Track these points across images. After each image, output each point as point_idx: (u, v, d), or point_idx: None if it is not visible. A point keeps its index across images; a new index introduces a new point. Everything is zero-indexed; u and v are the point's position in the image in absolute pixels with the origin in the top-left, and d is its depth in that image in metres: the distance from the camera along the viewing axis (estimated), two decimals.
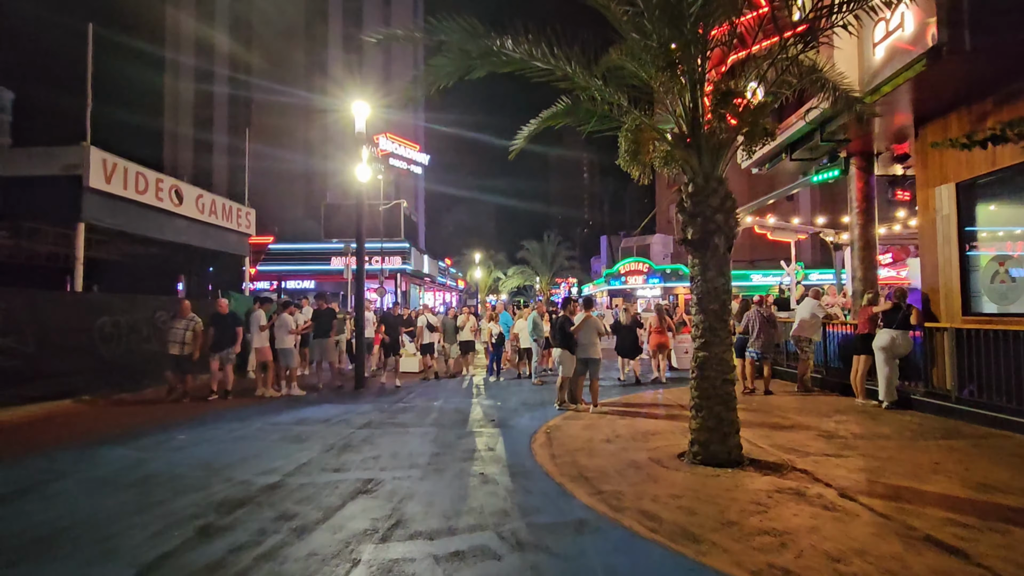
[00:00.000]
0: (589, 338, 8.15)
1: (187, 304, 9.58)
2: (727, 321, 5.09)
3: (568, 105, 6.25)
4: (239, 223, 13.29)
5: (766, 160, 10.30)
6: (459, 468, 5.24)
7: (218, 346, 9.55)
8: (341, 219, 31.93)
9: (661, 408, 8.29)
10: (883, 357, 7.75)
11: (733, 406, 5.05)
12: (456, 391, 10.53)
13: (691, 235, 5.15)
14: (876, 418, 7.14)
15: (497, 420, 7.67)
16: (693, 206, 5.14)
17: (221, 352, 9.57)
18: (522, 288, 48.33)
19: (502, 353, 12.77)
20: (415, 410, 8.56)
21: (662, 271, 31.71)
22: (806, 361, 9.58)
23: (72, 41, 12.80)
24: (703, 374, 5.07)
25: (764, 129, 5.28)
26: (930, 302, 7.71)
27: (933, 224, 7.59)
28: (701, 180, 5.13)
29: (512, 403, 9.10)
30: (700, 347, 5.11)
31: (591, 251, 66.20)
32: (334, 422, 7.66)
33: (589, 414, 7.85)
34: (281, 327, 10.25)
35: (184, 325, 9.46)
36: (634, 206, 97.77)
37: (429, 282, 37.46)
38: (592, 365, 8.14)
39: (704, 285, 5.09)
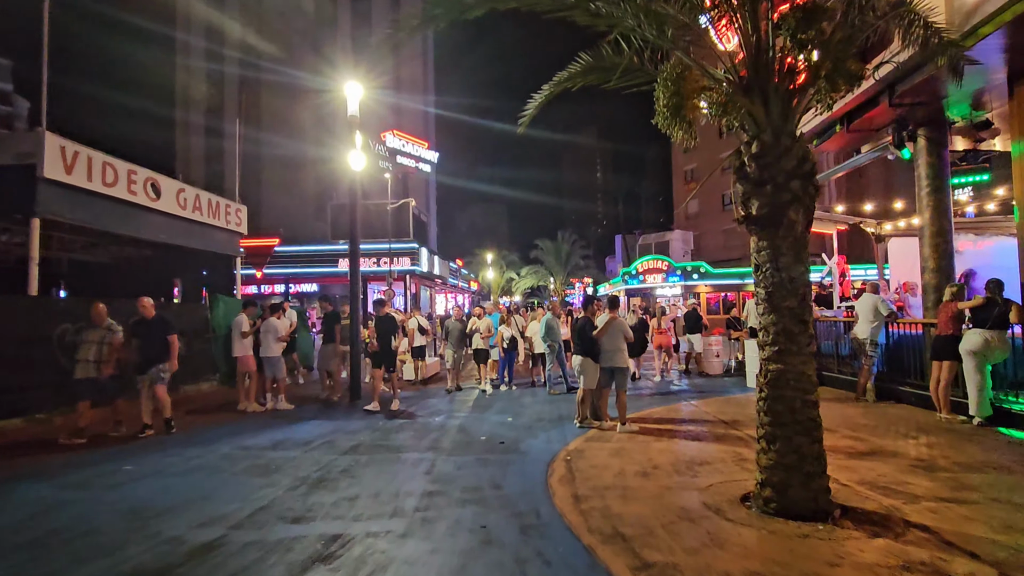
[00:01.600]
0: (615, 343, 6.91)
1: (101, 308, 6.99)
2: (807, 323, 3.82)
3: (587, 63, 5.08)
4: (228, 220, 12.26)
5: (815, 135, 8.95)
6: (454, 518, 4.03)
7: (145, 363, 7.06)
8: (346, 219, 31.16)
9: (701, 425, 7.01)
10: (974, 363, 6.39)
11: (819, 436, 3.77)
12: (462, 404, 9.34)
13: (756, 210, 3.89)
14: (973, 440, 5.78)
15: (507, 442, 6.45)
16: (759, 171, 3.89)
17: (149, 371, 7.05)
18: (536, 289, 47.07)
19: (515, 359, 11.55)
20: (413, 429, 7.39)
21: (682, 269, 30.20)
22: (869, 367, 8.23)
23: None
24: (776, 393, 3.81)
25: (849, 71, 4.00)
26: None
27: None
28: (769, 136, 3.87)
29: (525, 419, 7.88)
30: (772, 357, 3.84)
31: (606, 251, 64.59)
32: (316, 445, 6.51)
33: (616, 434, 6.61)
34: (267, 333, 9.15)
35: (99, 337, 6.93)
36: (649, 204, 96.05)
37: (440, 284, 36.39)
38: (619, 375, 6.89)
39: (775, 276, 3.83)
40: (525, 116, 6.13)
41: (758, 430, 3.97)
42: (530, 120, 6.17)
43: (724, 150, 41.32)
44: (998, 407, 6.37)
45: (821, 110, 4.28)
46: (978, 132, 7.74)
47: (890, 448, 5.51)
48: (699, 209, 43.82)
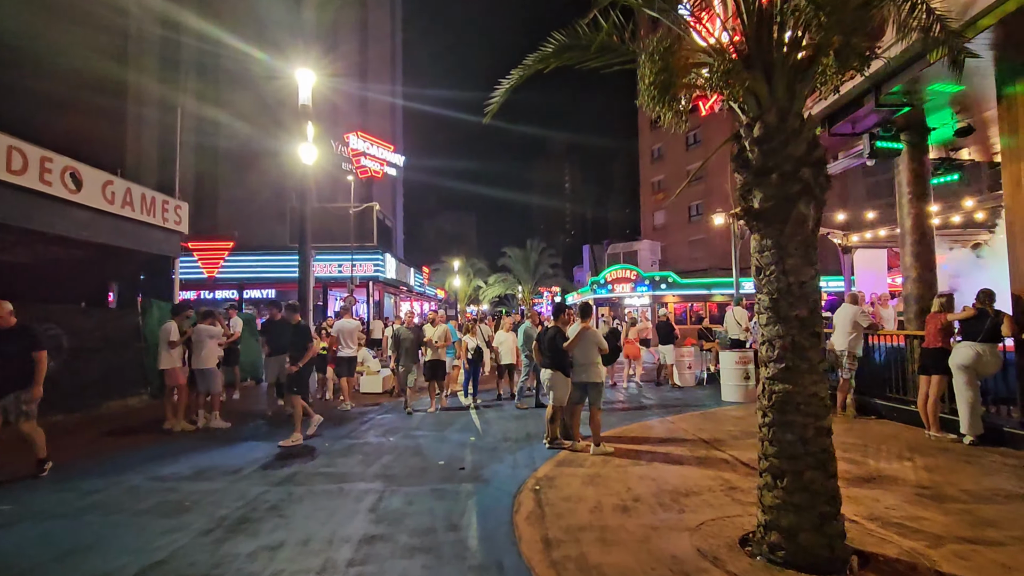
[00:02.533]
0: (588, 355, 6.28)
1: None
2: (819, 335, 3.26)
3: (561, 43, 4.49)
4: (166, 218, 11.16)
5: None
6: (398, 573, 3.28)
7: (1, 386, 5.29)
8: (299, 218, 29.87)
9: (680, 445, 6.43)
10: (965, 378, 6.02)
11: (833, 470, 3.20)
12: (422, 421, 8.54)
13: (759, 203, 3.32)
14: (972, 462, 5.37)
15: (469, 468, 5.72)
16: (762, 158, 3.32)
17: (5, 397, 5.27)
18: (504, 297, 46.43)
19: (479, 371, 10.82)
20: (362, 451, 6.56)
21: (650, 279, 30.09)
22: (848, 380, 7.86)
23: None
24: (783, 419, 3.22)
25: (861, 49, 3.49)
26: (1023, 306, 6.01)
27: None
28: (774, 117, 3.31)
29: (490, 438, 7.16)
30: (778, 376, 3.25)
31: (574, 260, 64.63)
32: (246, 473, 5.63)
33: (589, 456, 5.96)
34: (202, 343, 8.18)
35: None
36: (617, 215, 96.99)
37: (406, 291, 35.36)
38: (592, 391, 6.26)
39: (781, 280, 3.26)
40: (492, 103, 5.50)
41: (760, 462, 3.37)
42: (497, 108, 5.54)
43: (692, 161, 41.80)
44: (988, 424, 6.02)
45: (826, 93, 3.77)
46: (958, 139, 7.50)
47: (888, 472, 5.03)
48: (666, 220, 44.12)
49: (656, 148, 45.73)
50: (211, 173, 31.44)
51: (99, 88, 13.89)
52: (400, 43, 45.49)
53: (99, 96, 14.01)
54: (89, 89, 13.55)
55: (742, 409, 8.89)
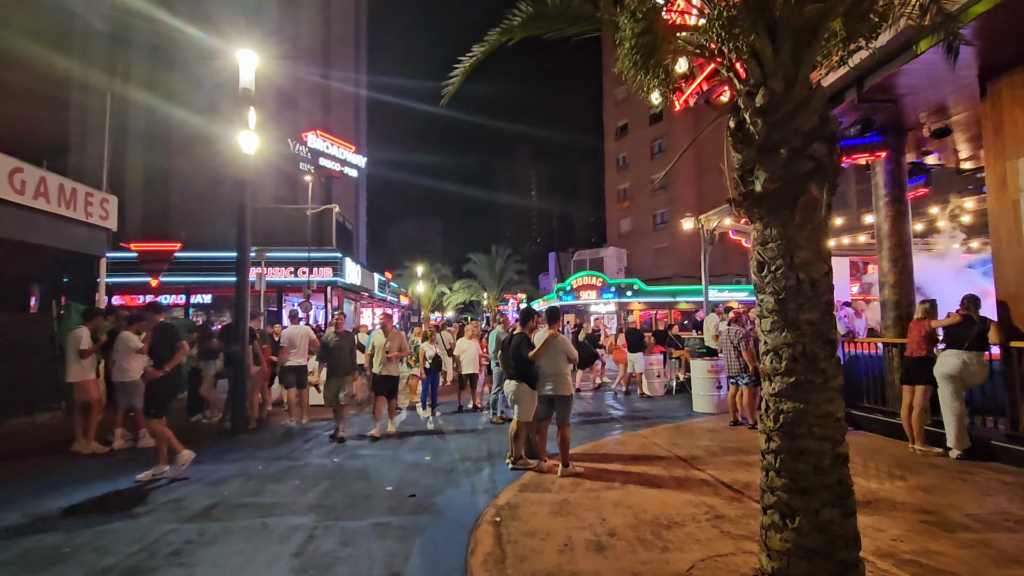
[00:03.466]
0: (556, 366, 5.67)
1: None
2: (834, 343, 2.73)
3: (527, 12, 3.93)
4: (89, 212, 10.01)
5: None
6: None
7: None
8: (263, 224, 28.42)
9: (655, 464, 5.87)
10: (951, 389, 5.69)
11: (852, 506, 2.66)
12: (371, 437, 7.75)
13: (763, 185, 2.78)
14: (966, 479, 5.00)
15: (420, 494, 5.00)
16: (767, 131, 2.79)
17: None
18: (468, 304, 45.64)
19: (439, 381, 10.09)
20: (300, 474, 5.75)
21: (616, 286, 29.91)
22: None
23: None
24: (794, 445, 2.67)
25: (873, 15, 3.02)
26: (1010, 313, 5.73)
27: (1014, 208, 5.66)
28: (780, 84, 2.78)
29: (447, 457, 6.45)
30: (786, 393, 2.70)
31: (540, 268, 64.35)
32: (156, 505, 4.77)
33: (557, 478, 5.33)
34: (124, 352, 7.19)
35: None
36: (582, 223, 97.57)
37: (367, 297, 34.16)
38: (560, 405, 5.64)
39: (789, 277, 2.72)
40: (451, 83, 4.87)
41: (765, 496, 2.80)
42: (455, 89, 4.92)
43: (656, 169, 42.14)
44: (974, 437, 5.70)
45: (833, 64, 3.29)
46: (935, 140, 7.30)
47: (883, 494, 4.58)
48: (631, 228, 44.34)
49: (622, 156, 46.01)
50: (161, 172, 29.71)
51: (31, 73, 12.53)
52: (365, 24, 44.10)
53: (28, 80, 12.64)
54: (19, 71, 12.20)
55: (715, 421, 8.45)
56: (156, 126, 27.17)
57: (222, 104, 26.33)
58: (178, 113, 25.55)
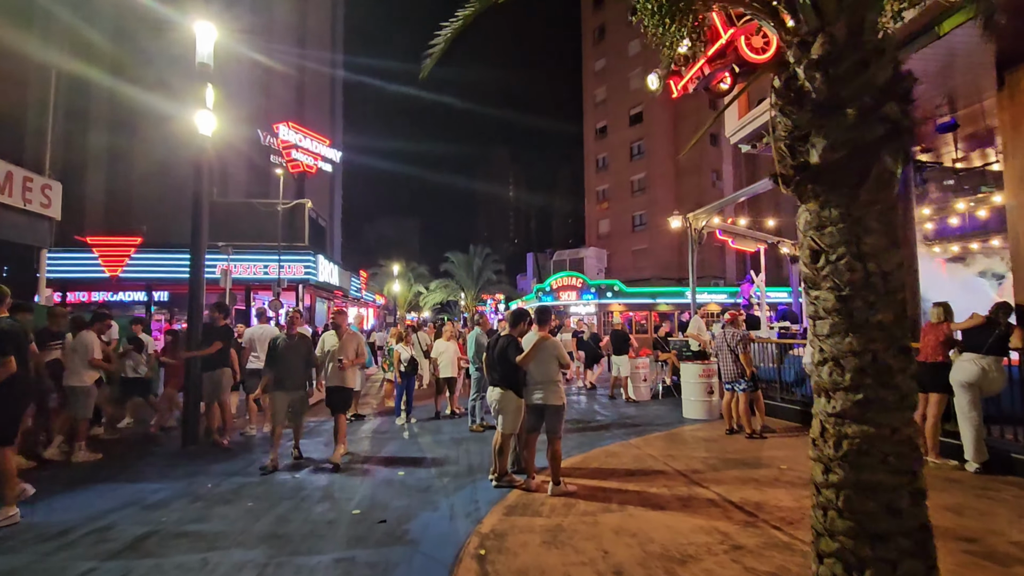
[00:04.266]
0: (546, 372, 5.08)
1: None
2: (910, 354, 2.21)
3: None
4: (28, 199, 9.05)
5: (764, 130, 7.84)
6: None
7: None
8: (231, 219, 27.25)
9: (653, 480, 5.34)
10: (969, 397, 5.30)
11: (934, 555, 2.14)
12: (355, 440, 7.04)
13: (821, 153, 2.24)
14: (994, 497, 4.58)
15: (392, 519, 4.36)
16: (828, 87, 2.25)
17: None
18: (445, 304, 44.84)
19: (415, 385, 9.42)
20: (254, 494, 5.04)
21: (596, 287, 29.52)
22: None
23: None
24: (861, 479, 2.13)
25: None
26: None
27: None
28: (843, 31, 2.25)
29: (422, 473, 5.81)
30: (850, 413, 2.17)
31: (518, 269, 63.82)
32: (79, 535, 4.03)
33: (548, 498, 4.75)
34: (76, 354, 6.43)
35: None
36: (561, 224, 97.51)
37: (341, 296, 33.13)
38: (551, 416, 5.06)
39: (855, 268, 2.19)
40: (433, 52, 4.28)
41: (821, 540, 2.26)
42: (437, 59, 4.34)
43: (636, 171, 42.07)
44: (991, 448, 5.32)
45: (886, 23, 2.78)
46: (947, 132, 6.96)
47: None
48: (610, 229, 44.16)
49: (601, 157, 45.81)
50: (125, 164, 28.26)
51: None
52: (342, 14, 42.74)
53: None
54: None
55: (708, 428, 7.99)
56: (119, 111, 25.73)
57: (190, 90, 25.07)
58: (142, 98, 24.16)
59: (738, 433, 7.41)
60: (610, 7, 44.09)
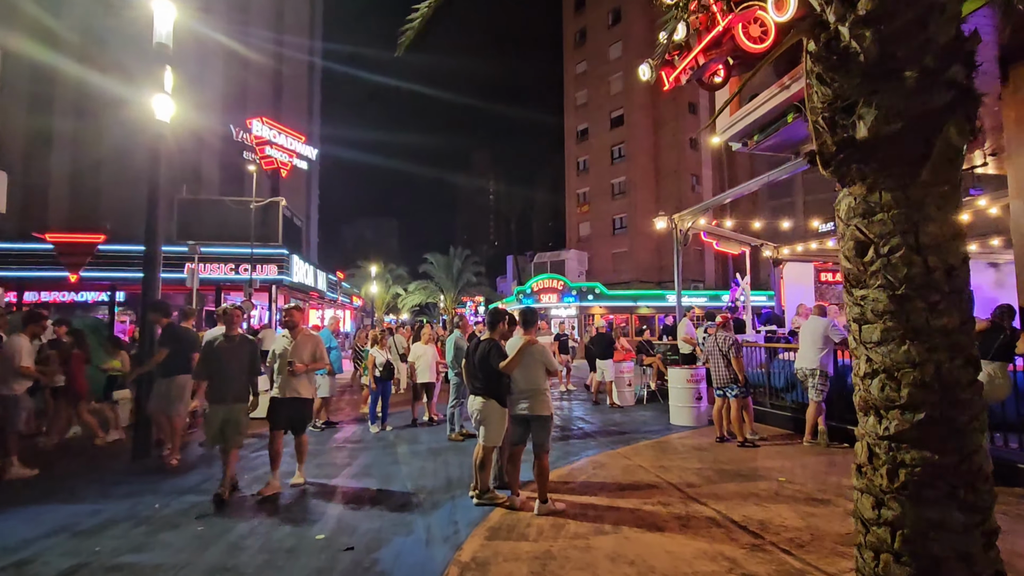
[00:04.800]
0: (533, 379, 4.67)
1: None
2: (978, 367, 1.85)
3: None
4: None
5: (756, 127, 7.57)
6: None
7: None
8: (200, 217, 26.28)
9: (647, 496, 4.97)
10: None
11: None
12: (308, 456, 6.53)
13: (871, 127, 1.88)
14: (1007, 511, 4.32)
15: (359, 544, 3.89)
16: (880, 46, 1.89)
17: None
18: (424, 306, 44.16)
19: (390, 391, 8.91)
20: (207, 516, 4.52)
21: (577, 289, 29.27)
22: (818, 403, 6.85)
23: None
24: (919, 515, 1.76)
25: None
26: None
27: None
28: None
29: (397, 487, 5.34)
30: (908, 436, 1.81)
31: (497, 271, 63.36)
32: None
33: (534, 518, 4.33)
34: (5, 360, 5.82)
35: None
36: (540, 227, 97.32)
37: (317, 298, 32.26)
38: (537, 427, 4.64)
39: (912, 262, 1.83)
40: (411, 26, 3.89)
41: None
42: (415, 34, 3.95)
43: (616, 174, 42.05)
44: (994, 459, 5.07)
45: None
46: None
47: None
48: (590, 232, 44.05)
49: (582, 160, 45.71)
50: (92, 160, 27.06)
51: None
52: (321, 9, 41.78)
53: None
54: None
55: (698, 436, 7.68)
56: (85, 101, 24.60)
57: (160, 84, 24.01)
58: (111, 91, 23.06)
59: (729, 441, 7.11)
60: (591, 11, 44.10)
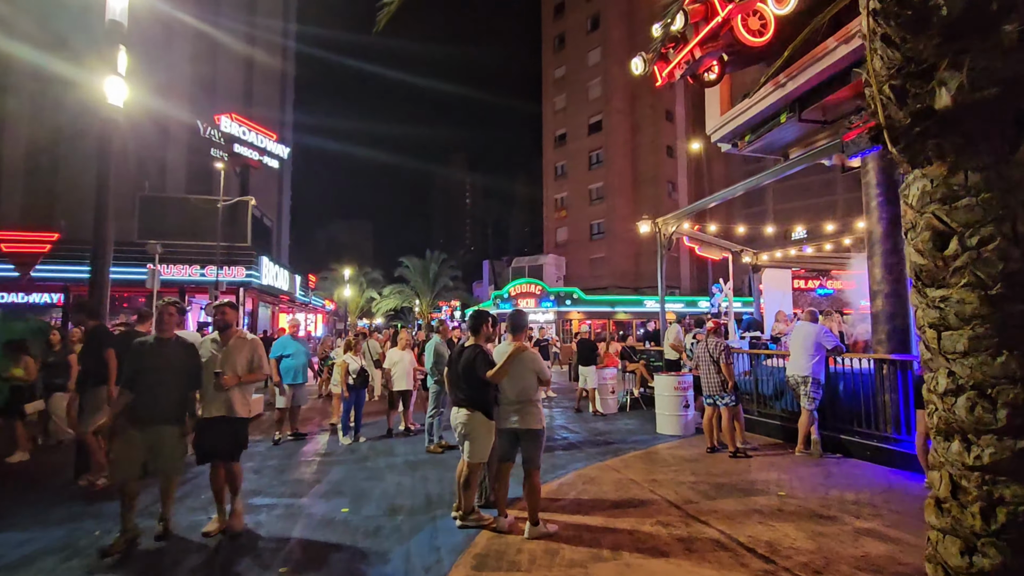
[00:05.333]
0: (523, 390, 4.29)
1: None
2: None
3: None
4: None
5: (748, 128, 7.38)
6: None
7: None
8: (165, 216, 25.18)
9: (643, 514, 4.63)
10: None
11: None
12: (272, 479, 6.01)
13: (954, 94, 1.56)
14: None
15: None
16: (966, 1, 1.57)
17: None
18: (399, 310, 43.35)
19: (364, 399, 8.40)
20: (153, 545, 3.99)
21: (555, 294, 29.05)
22: (811, 412, 6.64)
23: None
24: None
25: None
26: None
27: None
28: None
29: (371, 507, 4.89)
30: (1003, 467, 1.47)
31: (474, 276, 62.87)
32: None
33: (526, 543, 3.94)
34: None
35: None
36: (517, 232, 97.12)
37: (288, 301, 31.27)
38: (528, 442, 4.25)
39: (1005, 255, 1.51)
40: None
41: None
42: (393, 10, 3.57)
43: (594, 180, 42.10)
44: None
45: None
46: None
47: None
48: (568, 237, 44.00)
49: (560, 165, 45.69)
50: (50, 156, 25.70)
51: None
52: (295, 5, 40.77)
53: None
54: None
55: (686, 445, 7.41)
56: (41, 111, 23.37)
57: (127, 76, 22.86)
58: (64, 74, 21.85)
59: (720, 451, 6.84)
60: (571, 16, 44.22)
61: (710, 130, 7.80)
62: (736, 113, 7.14)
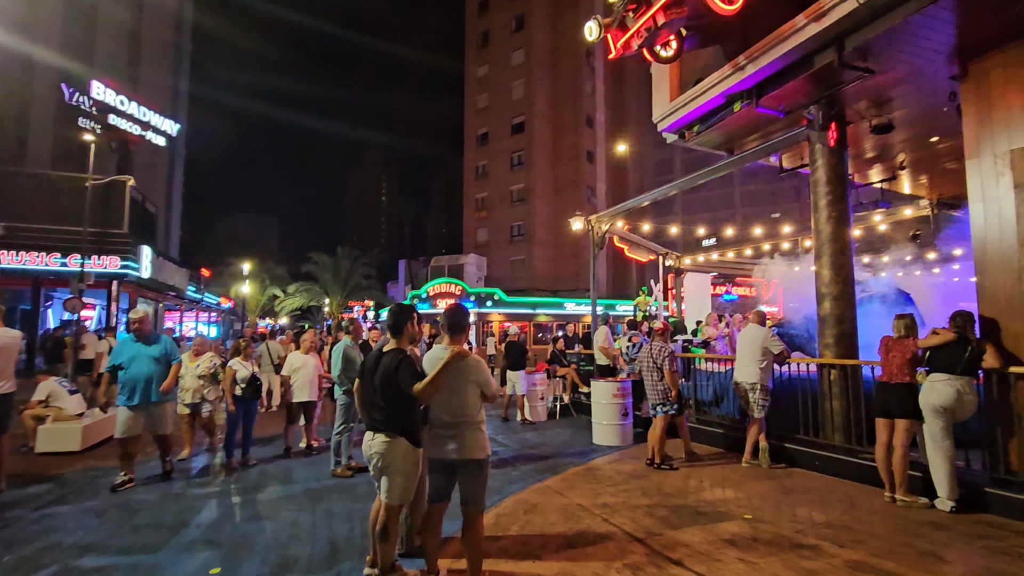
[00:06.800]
0: (462, 407, 3.32)
1: None
2: None
3: None
4: None
5: (698, 117, 6.89)
6: None
7: None
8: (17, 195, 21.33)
9: (602, 551, 3.82)
10: (942, 424, 4.59)
11: None
12: (121, 514, 4.56)
13: None
14: (1009, 551, 3.76)
15: None
16: None
17: None
18: (306, 310, 40.35)
19: (255, 413, 6.98)
20: None
21: (476, 295, 28.13)
22: (759, 420, 6.23)
23: None
24: None
25: None
26: (1000, 333, 4.83)
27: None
28: None
29: (256, 561, 3.68)
30: None
31: (389, 276, 60.33)
32: None
33: None
34: None
35: None
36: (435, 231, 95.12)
37: (174, 297, 27.75)
38: (469, 476, 3.28)
39: None
40: None
41: None
42: None
43: (516, 180, 41.78)
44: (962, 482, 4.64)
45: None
46: (882, 133, 6.50)
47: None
48: (488, 238, 43.33)
49: (481, 165, 44.95)
50: None
51: None
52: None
53: None
54: None
55: (627, 458, 6.77)
56: None
57: None
58: None
59: (664, 466, 6.26)
60: (495, 14, 43.65)
61: (657, 118, 7.27)
62: (687, 99, 6.63)
